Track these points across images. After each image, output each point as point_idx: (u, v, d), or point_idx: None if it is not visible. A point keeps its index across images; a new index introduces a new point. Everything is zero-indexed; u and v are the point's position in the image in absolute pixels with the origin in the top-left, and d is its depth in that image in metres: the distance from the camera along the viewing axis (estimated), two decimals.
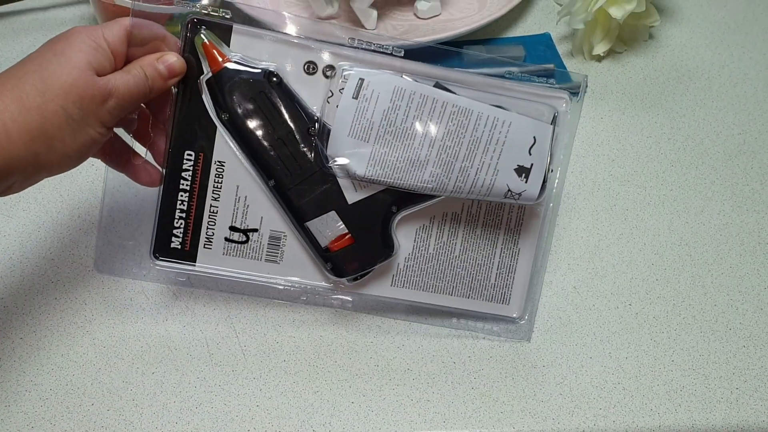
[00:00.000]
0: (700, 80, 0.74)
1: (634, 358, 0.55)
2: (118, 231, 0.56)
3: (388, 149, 0.49)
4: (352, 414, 0.51)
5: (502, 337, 0.55)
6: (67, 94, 0.43)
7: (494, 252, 0.54)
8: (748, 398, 0.53)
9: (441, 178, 0.49)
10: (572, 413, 0.52)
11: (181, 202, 0.51)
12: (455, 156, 0.49)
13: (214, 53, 0.49)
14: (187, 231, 0.52)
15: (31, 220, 0.60)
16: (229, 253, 0.52)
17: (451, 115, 0.49)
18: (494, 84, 0.51)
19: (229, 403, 0.51)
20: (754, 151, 0.69)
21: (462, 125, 0.49)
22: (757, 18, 0.81)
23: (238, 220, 0.52)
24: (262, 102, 0.50)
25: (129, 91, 0.46)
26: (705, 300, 0.58)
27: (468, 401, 0.52)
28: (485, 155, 0.49)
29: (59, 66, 0.44)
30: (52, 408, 0.51)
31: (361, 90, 0.49)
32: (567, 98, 0.51)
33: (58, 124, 0.43)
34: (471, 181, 0.49)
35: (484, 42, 0.76)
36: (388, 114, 0.49)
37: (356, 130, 0.49)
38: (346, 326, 0.56)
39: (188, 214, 0.51)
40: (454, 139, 0.49)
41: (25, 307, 0.56)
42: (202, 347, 0.54)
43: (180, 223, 0.52)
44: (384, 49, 0.50)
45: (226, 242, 0.52)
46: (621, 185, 0.65)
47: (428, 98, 0.49)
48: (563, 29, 0.78)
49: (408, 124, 0.49)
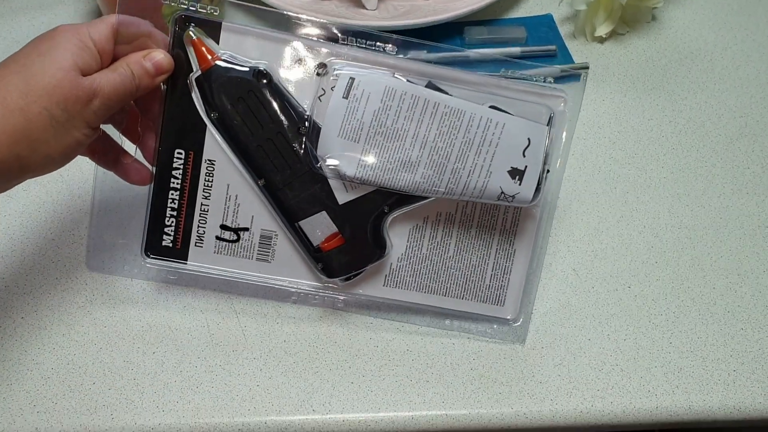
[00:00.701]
0: (702, 62, 0.74)
1: (633, 340, 0.55)
2: (109, 228, 0.56)
3: (379, 150, 0.48)
4: (351, 394, 0.52)
5: (495, 339, 0.55)
6: (50, 96, 0.43)
7: (489, 253, 0.53)
8: (746, 380, 0.53)
9: (432, 180, 0.49)
10: (570, 394, 0.52)
11: (172, 200, 0.51)
12: (447, 157, 0.48)
13: (203, 51, 0.48)
14: (179, 229, 0.52)
15: (32, 200, 0.60)
16: (221, 252, 0.52)
17: (443, 116, 0.48)
18: (490, 83, 0.50)
19: (230, 383, 0.52)
20: (755, 134, 0.68)
21: (454, 126, 0.48)
22: (761, 0, 0.81)
23: (229, 218, 0.51)
24: (252, 102, 0.49)
25: (115, 90, 0.45)
26: (704, 283, 0.58)
27: (467, 382, 0.52)
28: (478, 157, 0.48)
29: (43, 67, 0.43)
30: (54, 387, 0.51)
31: (352, 90, 0.48)
32: (565, 97, 0.50)
33: (42, 126, 0.43)
34: (463, 183, 0.49)
35: (485, 23, 0.75)
36: (379, 114, 0.48)
37: (346, 130, 0.48)
38: (347, 312, 0.56)
39: (179, 212, 0.51)
40: (446, 141, 0.48)
41: (26, 286, 0.56)
42: (202, 327, 0.54)
43: (171, 222, 0.51)
44: (376, 47, 0.49)
45: (217, 241, 0.52)
46: (621, 167, 0.65)
47: (419, 99, 0.48)
48: (565, 10, 0.77)
49: (399, 125, 0.48)
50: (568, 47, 0.74)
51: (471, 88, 0.49)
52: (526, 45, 0.73)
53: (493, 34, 0.74)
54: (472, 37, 0.73)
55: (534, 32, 0.75)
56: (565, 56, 0.73)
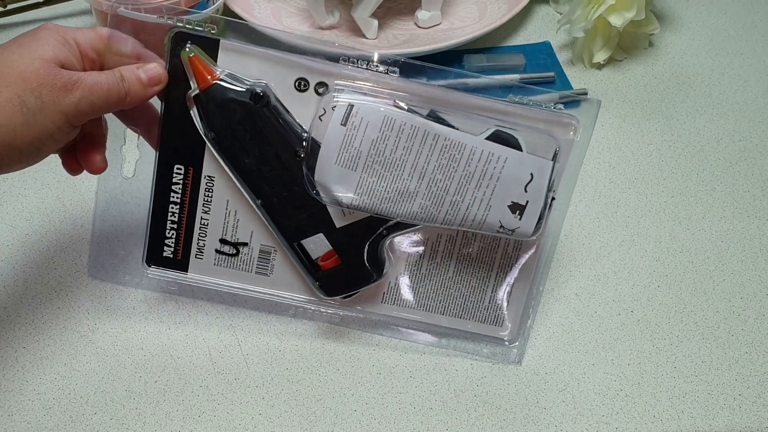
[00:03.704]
0: (700, 87, 0.75)
1: (637, 365, 0.55)
2: (111, 238, 0.56)
3: (376, 179, 0.48)
4: (354, 422, 0.51)
5: (492, 359, 0.54)
6: (24, 82, 0.41)
7: (489, 275, 0.53)
8: (751, 404, 0.53)
9: (430, 211, 0.48)
10: (575, 420, 0.52)
11: (172, 214, 0.51)
12: (445, 190, 0.48)
13: (202, 69, 0.48)
14: (179, 241, 0.52)
15: (34, 229, 0.61)
16: (220, 264, 0.53)
17: (442, 148, 0.47)
18: (497, 108, 0.48)
19: (232, 412, 0.51)
20: (754, 157, 0.69)
21: (454, 159, 0.47)
22: (757, 25, 0.82)
23: (229, 233, 0.52)
24: (249, 124, 0.48)
25: (98, 86, 0.43)
26: (707, 306, 0.58)
27: (470, 408, 0.52)
28: (477, 190, 0.48)
29: (21, 57, 0.42)
30: (55, 417, 0.51)
31: (350, 117, 0.47)
32: (575, 125, 0.48)
33: (10, 113, 0.41)
34: (461, 216, 0.48)
35: (484, 50, 0.76)
36: (377, 144, 0.47)
37: (344, 158, 0.47)
38: (348, 334, 0.56)
39: (179, 225, 0.52)
40: (445, 173, 0.47)
41: (27, 316, 0.56)
42: (204, 356, 0.54)
43: (171, 234, 0.52)
44: (377, 68, 0.47)
45: (217, 254, 0.52)
46: (622, 192, 0.65)
47: (419, 130, 0.47)
48: (563, 37, 0.78)
49: (397, 155, 0.47)
50: (566, 74, 0.75)
51: (477, 112, 0.48)
52: (525, 72, 0.74)
53: (493, 62, 0.74)
54: (471, 64, 0.74)
55: (533, 59, 0.76)
56: (563, 83, 0.74)
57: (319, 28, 0.76)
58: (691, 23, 0.82)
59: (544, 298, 0.57)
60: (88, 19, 0.78)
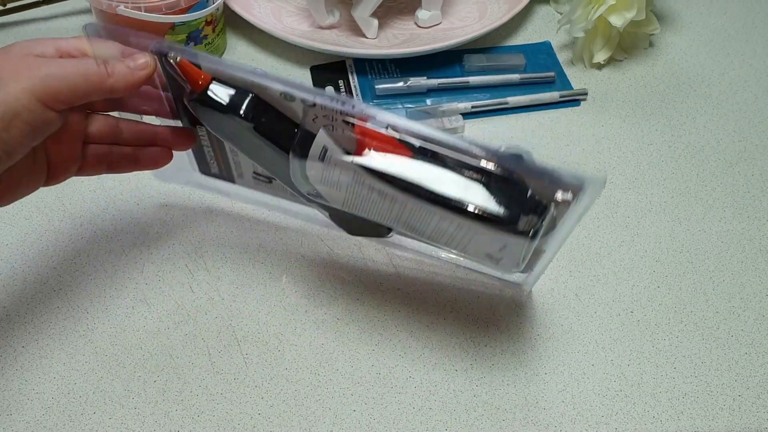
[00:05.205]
0: (700, 87, 0.75)
1: (636, 366, 0.55)
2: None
3: (359, 206, 0.48)
4: (353, 422, 0.51)
5: (502, 280, 0.56)
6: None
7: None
8: (751, 405, 0.53)
9: (413, 235, 0.50)
10: (575, 421, 0.52)
11: (209, 154, 0.56)
12: (422, 233, 0.48)
13: (192, 73, 0.46)
14: (221, 167, 0.57)
15: (33, 228, 0.61)
16: (258, 186, 0.57)
17: (412, 210, 0.46)
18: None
19: (231, 412, 0.51)
20: (754, 158, 0.69)
21: (424, 219, 0.47)
22: (757, 25, 0.82)
23: (259, 169, 0.55)
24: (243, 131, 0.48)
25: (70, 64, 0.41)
26: (706, 307, 0.58)
27: (470, 409, 0.52)
28: (451, 242, 0.47)
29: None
30: (55, 416, 0.51)
31: (326, 158, 0.46)
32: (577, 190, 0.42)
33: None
34: (443, 244, 0.49)
35: (484, 50, 0.76)
36: (353, 186, 0.47)
37: (326, 180, 0.47)
38: (348, 335, 0.56)
39: (217, 161, 0.56)
40: (419, 223, 0.47)
41: (27, 315, 0.56)
42: (203, 355, 0.54)
43: (213, 162, 0.57)
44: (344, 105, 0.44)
45: (254, 178, 0.56)
46: (622, 192, 0.65)
47: (387, 195, 0.46)
48: (563, 38, 0.78)
49: (372, 200, 0.47)
50: (566, 74, 0.75)
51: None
52: (525, 72, 0.74)
53: (493, 62, 0.74)
54: (471, 64, 0.74)
55: (533, 59, 0.76)
56: (563, 83, 0.74)
57: (319, 28, 0.76)
58: (692, 23, 0.82)
59: (545, 297, 0.57)
60: (87, 19, 0.78)
